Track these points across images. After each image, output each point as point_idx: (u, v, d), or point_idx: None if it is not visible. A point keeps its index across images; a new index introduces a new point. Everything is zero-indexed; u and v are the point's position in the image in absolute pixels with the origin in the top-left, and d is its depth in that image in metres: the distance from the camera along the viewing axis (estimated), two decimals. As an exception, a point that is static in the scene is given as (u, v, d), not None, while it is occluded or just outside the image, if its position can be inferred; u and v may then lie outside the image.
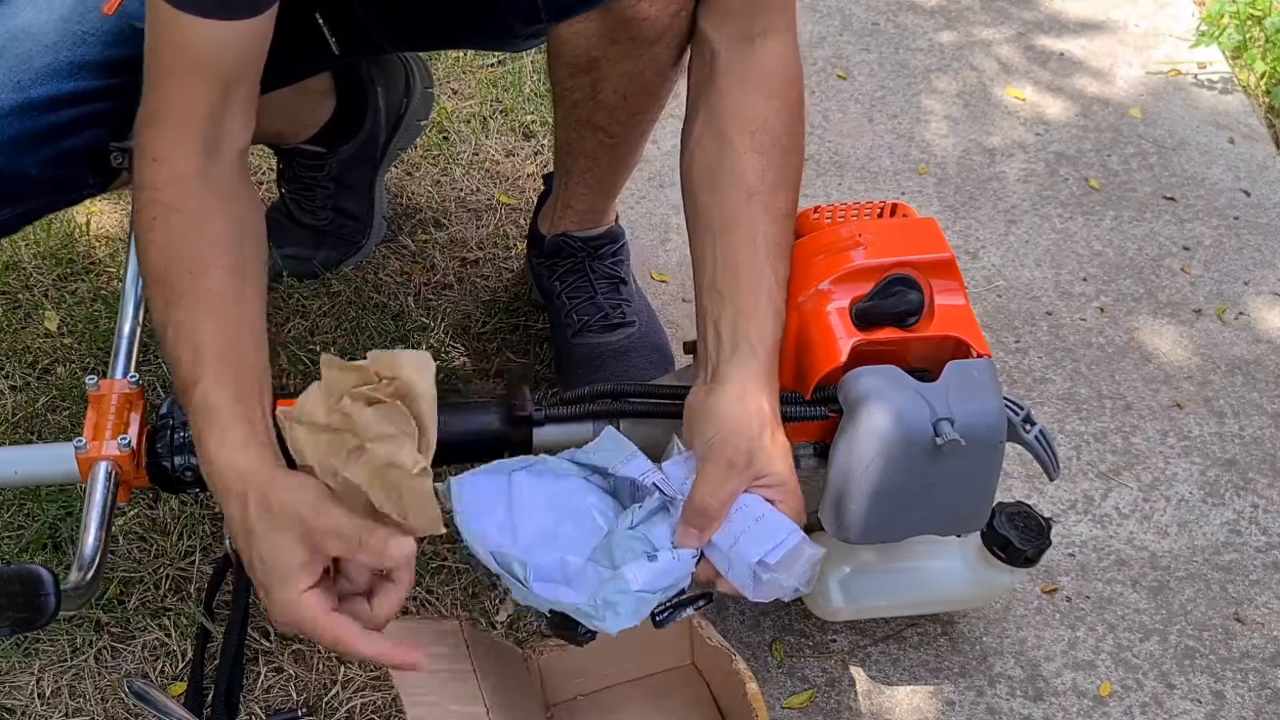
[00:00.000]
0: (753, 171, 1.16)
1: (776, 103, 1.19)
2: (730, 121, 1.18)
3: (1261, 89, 2.27)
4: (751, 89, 1.19)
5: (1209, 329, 1.83)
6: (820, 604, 1.34)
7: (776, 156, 1.17)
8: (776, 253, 1.15)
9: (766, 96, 1.18)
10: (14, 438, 1.53)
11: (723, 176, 1.17)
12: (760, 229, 1.15)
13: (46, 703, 1.30)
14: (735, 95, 1.19)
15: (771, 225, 1.16)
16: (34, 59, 1.21)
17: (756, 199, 1.16)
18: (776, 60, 1.20)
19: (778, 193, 1.17)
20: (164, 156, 1.08)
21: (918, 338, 1.19)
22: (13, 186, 1.23)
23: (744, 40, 1.20)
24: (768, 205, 1.16)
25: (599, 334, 1.59)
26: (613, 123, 1.40)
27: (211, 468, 1.02)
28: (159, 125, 1.08)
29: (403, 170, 1.93)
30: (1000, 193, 2.03)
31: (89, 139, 1.25)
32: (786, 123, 1.19)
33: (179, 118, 1.08)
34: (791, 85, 1.21)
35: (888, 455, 1.13)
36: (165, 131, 1.08)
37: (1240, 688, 1.41)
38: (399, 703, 1.31)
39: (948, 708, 1.37)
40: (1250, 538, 1.56)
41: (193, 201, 1.07)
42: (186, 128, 1.08)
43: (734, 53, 1.20)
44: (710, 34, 1.22)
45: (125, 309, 1.26)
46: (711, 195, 1.17)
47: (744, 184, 1.16)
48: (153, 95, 1.09)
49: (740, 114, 1.18)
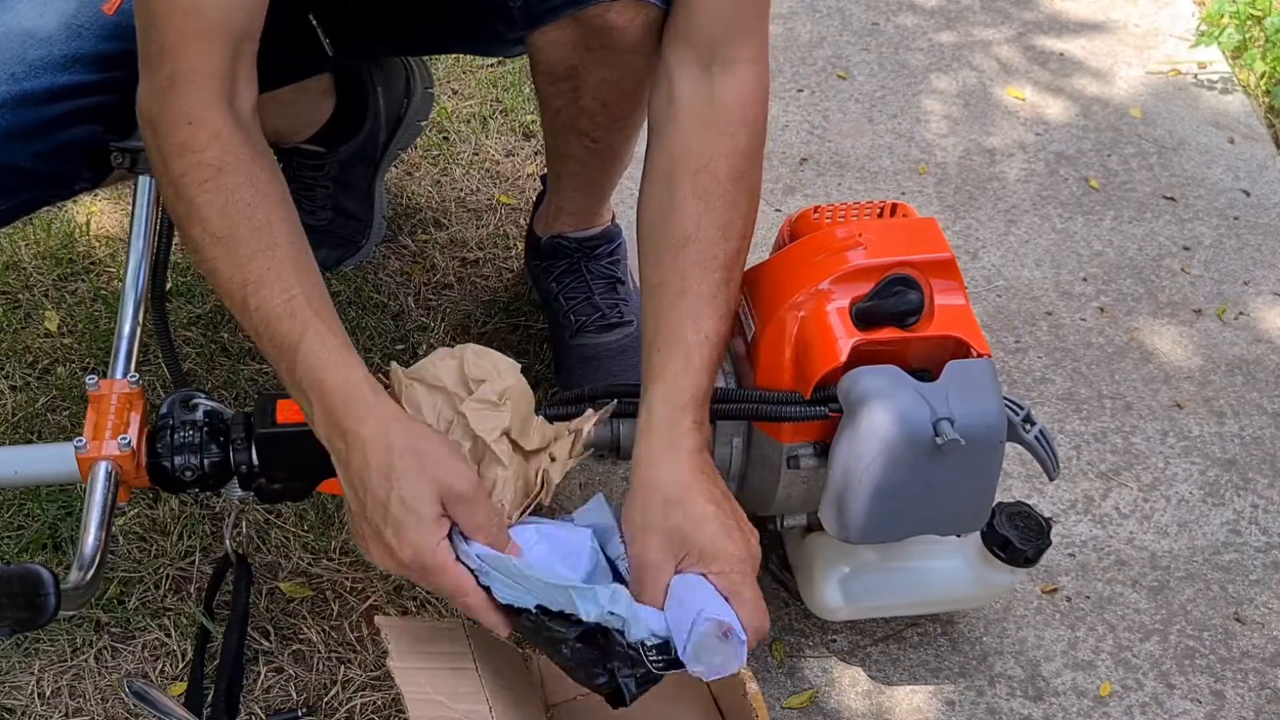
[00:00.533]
0: (690, 218, 1.14)
1: (725, 143, 1.15)
2: (677, 164, 1.16)
3: (1261, 89, 2.27)
4: (701, 126, 1.15)
5: (1209, 329, 1.83)
6: (820, 604, 1.34)
7: (717, 201, 1.14)
8: (706, 306, 1.12)
9: (716, 135, 1.15)
10: (14, 438, 1.53)
11: (662, 227, 1.16)
12: (690, 285, 1.12)
13: (46, 703, 1.30)
14: (684, 132, 1.16)
15: (702, 279, 1.13)
16: (29, 52, 1.21)
17: (690, 249, 1.13)
18: (733, 97, 1.16)
19: (716, 242, 1.14)
20: (199, 118, 1.07)
21: (918, 338, 1.19)
22: (5, 179, 1.23)
23: (703, 71, 1.16)
24: (701, 257, 1.13)
25: (596, 334, 1.59)
26: (595, 128, 1.40)
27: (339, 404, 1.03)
28: (182, 89, 1.08)
29: (403, 170, 1.93)
30: (1000, 193, 2.03)
31: (83, 133, 1.25)
32: (734, 165, 1.15)
33: (202, 79, 1.08)
34: (744, 125, 1.16)
35: (888, 455, 1.13)
36: (192, 94, 1.08)
37: (1240, 688, 1.41)
38: (399, 703, 1.31)
39: (948, 708, 1.37)
40: (1250, 538, 1.56)
41: (240, 157, 1.07)
42: (212, 88, 1.08)
43: (691, 84, 1.16)
44: (671, 62, 1.18)
45: (125, 309, 1.26)
46: (650, 246, 1.17)
47: (679, 232, 1.14)
48: (167, 62, 1.08)
49: (688, 155, 1.15)
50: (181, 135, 1.07)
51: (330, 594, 1.41)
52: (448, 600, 1.05)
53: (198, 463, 1.16)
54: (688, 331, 1.11)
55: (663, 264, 1.15)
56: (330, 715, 1.30)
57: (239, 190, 1.07)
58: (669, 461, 1.08)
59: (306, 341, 1.04)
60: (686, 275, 1.13)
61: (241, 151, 1.08)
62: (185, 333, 1.66)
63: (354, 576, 1.42)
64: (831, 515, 1.19)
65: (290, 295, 1.05)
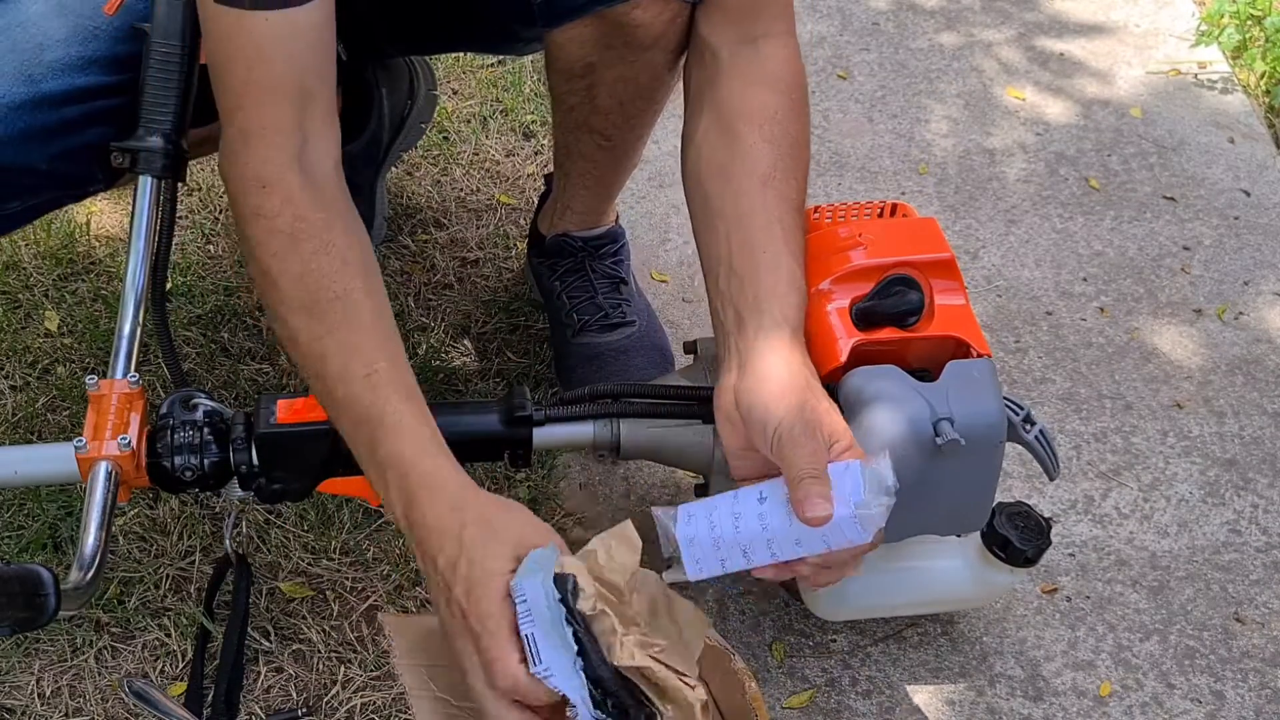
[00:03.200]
0: (766, 160, 1.14)
1: (784, 99, 1.17)
2: (738, 116, 1.16)
3: (1261, 89, 2.27)
4: (758, 86, 1.17)
5: (1209, 329, 1.83)
6: (820, 604, 1.34)
7: (787, 148, 1.15)
8: (796, 236, 1.13)
9: (774, 93, 1.17)
10: (14, 438, 1.53)
11: (734, 166, 1.14)
12: (776, 214, 1.12)
13: (46, 703, 1.30)
14: (741, 91, 1.17)
15: (788, 212, 1.13)
16: (45, 53, 1.21)
17: (771, 186, 1.13)
18: (780, 61, 1.19)
19: (790, 181, 1.15)
20: (271, 180, 1.06)
21: (918, 338, 1.19)
22: (22, 180, 1.23)
23: (745, 42, 1.19)
24: (782, 193, 1.13)
25: (599, 334, 1.59)
26: (609, 127, 1.40)
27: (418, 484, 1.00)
28: (254, 147, 1.07)
29: (403, 170, 1.93)
30: (1000, 193, 2.03)
31: (98, 135, 1.25)
32: (795, 119, 1.18)
33: (272, 135, 1.06)
34: (797, 86, 1.19)
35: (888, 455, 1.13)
36: (261, 151, 1.07)
37: (1240, 688, 1.41)
38: (399, 703, 1.31)
39: (948, 708, 1.37)
40: (1250, 538, 1.56)
41: (313, 224, 1.06)
42: (282, 145, 1.06)
43: (737, 54, 1.19)
44: (710, 38, 1.21)
45: (125, 309, 1.26)
46: (724, 185, 1.14)
47: (758, 172, 1.13)
48: (237, 115, 1.07)
49: (748, 108, 1.16)
50: (255, 200, 1.06)
51: (330, 594, 1.41)
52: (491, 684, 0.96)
53: (198, 463, 1.16)
54: (784, 254, 1.10)
55: (749, 195, 1.13)
56: (330, 715, 1.30)
57: (315, 258, 1.05)
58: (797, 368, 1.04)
59: (389, 419, 1.01)
60: (772, 208, 1.12)
61: (315, 217, 1.06)
62: (185, 333, 1.66)
63: (354, 576, 1.43)
64: (831, 515, 1.19)
65: (372, 370, 1.03)
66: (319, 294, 1.05)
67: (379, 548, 1.45)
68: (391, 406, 1.02)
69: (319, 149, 1.09)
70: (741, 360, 1.06)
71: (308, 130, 1.08)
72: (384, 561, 1.44)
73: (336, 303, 1.04)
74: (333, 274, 1.05)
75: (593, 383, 1.34)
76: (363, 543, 1.45)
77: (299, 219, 1.05)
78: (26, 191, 1.25)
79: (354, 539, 1.46)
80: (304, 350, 1.06)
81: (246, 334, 1.68)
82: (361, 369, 1.03)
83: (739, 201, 1.13)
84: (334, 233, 1.07)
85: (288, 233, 1.05)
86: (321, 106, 1.10)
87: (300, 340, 1.06)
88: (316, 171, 1.09)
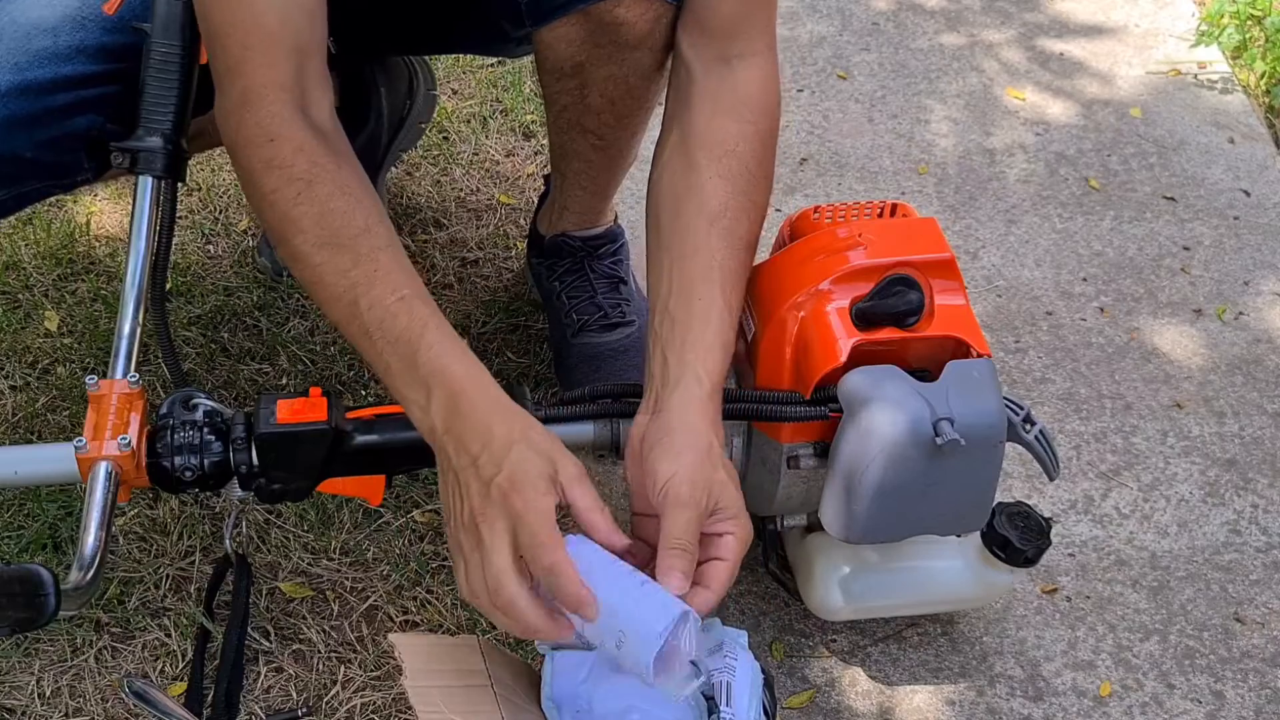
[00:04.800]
0: (717, 198, 1.16)
1: (749, 128, 1.18)
2: (699, 144, 1.18)
3: (1261, 89, 2.27)
4: (724, 112, 1.18)
5: (1209, 329, 1.83)
6: (820, 604, 1.34)
7: (742, 184, 1.17)
8: (731, 281, 1.14)
9: (739, 121, 1.18)
10: (14, 438, 1.53)
11: (686, 201, 1.16)
12: (718, 257, 1.14)
13: (46, 703, 1.30)
14: (707, 117, 1.18)
15: (729, 254, 1.15)
16: (33, 41, 1.22)
17: (718, 226, 1.15)
18: (753, 85, 1.20)
19: (740, 221, 1.16)
20: (279, 133, 1.09)
21: (918, 338, 1.19)
22: (7, 168, 1.24)
23: (720, 62, 1.20)
24: (728, 233, 1.15)
25: (598, 333, 1.59)
26: (601, 126, 1.40)
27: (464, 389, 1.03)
28: (257, 104, 1.09)
29: (403, 170, 1.93)
30: (1000, 193, 2.03)
31: (86, 123, 1.25)
32: (756, 150, 1.18)
33: (274, 91, 1.09)
34: (765, 113, 1.20)
35: (888, 455, 1.13)
36: (266, 108, 1.09)
37: (1240, 688, 1.41)
38: (399, 703, 1.31)
39: (948, 708, 1.37)
40: (1250, 538, 1.56)
41: (326, 167, 1.09)
42: (285, 100, 1.10)
43: (710, 74, 1.20)
44: (687, 54, 1.22)
45: (125, 309, 1.26)
46: (674, 220, 1.17)
47: (706, 210, 1.15)
48: (237, 79, 1.10)
49: (710, 137, 1.18)
50: (266, 152, 1.09)
51: (330, 594, 1.41)
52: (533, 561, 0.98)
53: (198, 463, 1.16)
54: (718, 303, 1.12)
55: (694, 234, 1.15)
56: (330, 715, 1.30)
57: (332, 199, 1.08)
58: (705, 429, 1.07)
59: (429, 334, 1.04)
60: (715, 250, 1.14)
61: (327, 161, 1.09)
62: (185, 333, 1.66)
63: (354, 576, 1.43)
64: (832, 515, 1.19)
65: (402, 294, 1.06)
66: (341, 231, 1.07)
67: (379, 548, 1.45)
68: (431, 323, 1.05)
69: (318, 102, 1.13)
70: (657, 405, 1.09)
71: (306, 85, 1.11)
72: (384, 561, 1.44)
73: (360, 236, 1.07)
74: (351, 211, 1.08)
75: (592, 382, 1.34)
76: (363, 543, 1.46)
77: (313, 164, 1.08)
78: (12, 180, 1.26)
79: (354, 539, 1.46)
80: (330, 285, 1.08)
81: (246, 334, 1.68)
82: (393, 293, 1.06)
83: (684, 239, 1.16)
84: (345, 174, 1.10)
85: (305, 179, 1.08)
86: (316, 64, 1.13)
87: (327, 277, 1.08)
88: (319, 122, 1.12)
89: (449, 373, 1.04)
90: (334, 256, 1.07)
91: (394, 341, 1.05)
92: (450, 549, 1.05)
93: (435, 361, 1.04)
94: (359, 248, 1.07)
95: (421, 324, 1.05)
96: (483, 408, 1.03)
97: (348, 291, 1.07)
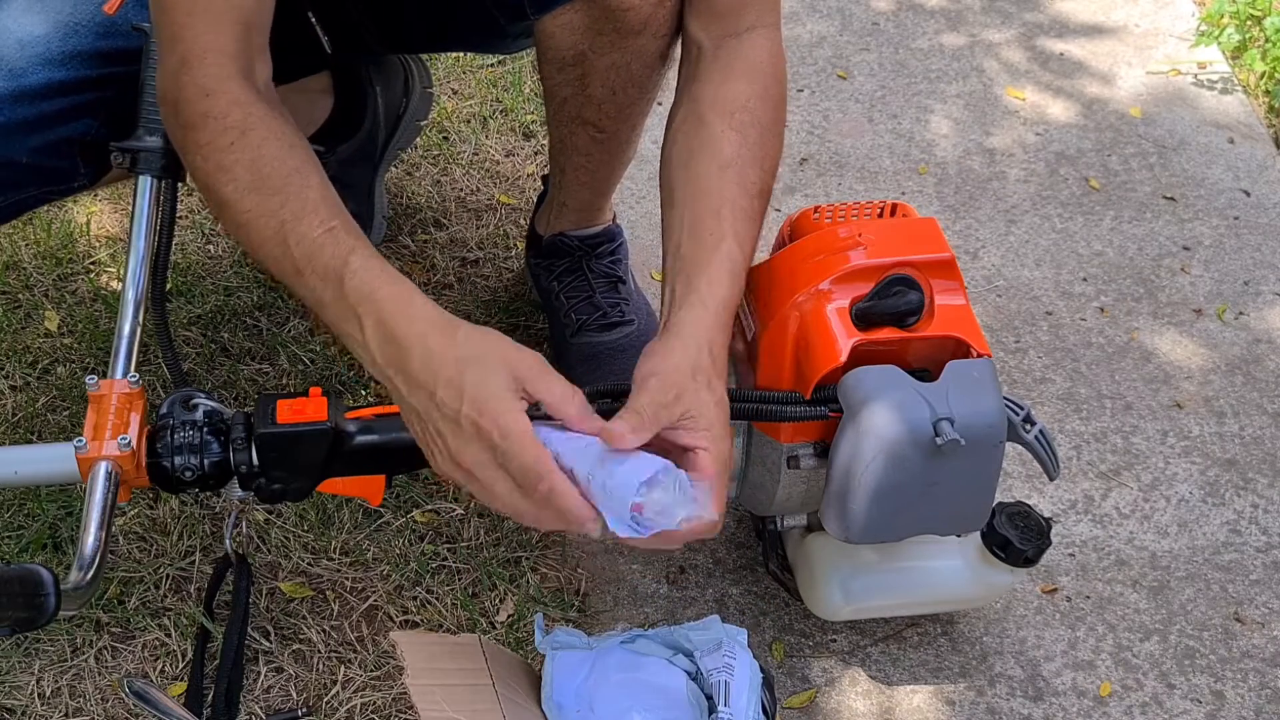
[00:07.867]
0: (729, 146, 1.17)
1: (758, 87, 1.20)
2: (710, 106, 1.19)
3: (1261, 89, 2.27)
4: (734, 76, 1.20)
5: (1209, 329, 1.83)
6: (820, 604, 1.34)
7: (753, 135, 1.18)
8: (743, 219, 1.15)
9: (749, 82, 1.20)
10: (14, 438, 1.53)
11: (698, 154, 1.17)
12: (728, 197, 1.15)
13: (46, 703, 1.30)
14: (718, 83, 1.20)
15: (740, 196, 1.15)
16: (26, 48, 1.22)
17: (729, 171, 1.16)
18: (762, 53, 1.21)
19: (750, 168, 1.17)
20: (215, 89, 1.09)
21: (918, 338, 1.19)
22: (3, 174, 1.24)
23: (730, 37, 1.21)
24: (740, 178, 1.16)
25: (597, 333, 1.59)
26: (602, 117, 1.40)
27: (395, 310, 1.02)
28: (196, 66, 1.09)
29: (403, 170, 1.93)
30: (1000, 193, 2.03)
31: (80, 128, 1.25)
32: (767, 109, 1.20)
33: (214, 55, 1.09)
34: (774, 79, 1.22)
35: (888, 455, 1.13)
36: (206, 69, 1.09)
37: (1240, 688, 1.41)
38: (399, 703, 1.31)
39: (948, 708, 1.37)
40: (1250, 538, 1.56)
41: (262, 117, 1.09)
42: (225, 63, 1.09)
43: (721, 48, 1.22)
44: (698, 34, 1.23)
45: (125, 309, 1.26)
46: (685, 170, 1.18)
47: (718, 158, 1.16)
48: (179, 45, 1.10)
49: (720, 98, 1.19)
50: (202, 106, 1.08)
51: (330, 594, 1.41)
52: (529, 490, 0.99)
53: (198, 463, 1.16)
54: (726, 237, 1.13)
55: (705, 179, 1.16)
56: (330, 715, 1.30)
57: (265, 144, 1.08)
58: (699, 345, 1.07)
59: (354, 259, 1.04)
60: (726, 192, 1.15)
61: (263, 112, 1.09)
62: (185, 333, 1.66)
63: (354, 576, 1.43)
64: (832, 515, 1.19)
65: (330, 226, 1.05)
66: (271, 174, 1.07)
67: (379, 548, 1.45)
68: (357, 251, 1.04)
69: (258, 70, 1.12)
70: (666, 330, 1.10)
71: (249, 55, 1.11)
72: (384, 561, 1.44)
73: (290, 177, 1.07)
74: (283, 156, 1.08)
75: (592, 382, 1.34)
76: (363, 543, 1.46)
77: (248, 115, 1.08)
78: (9, 186, 1.26)
79: (354, 539, 1.46)
80: (259, 228, 1.07)
81: (246, 334, 1.68)
82: (320, 226, 1.05)
83: (696, 185, 1.16)
84: (278, 122, 1.09)
85: (238, 128, 1.08)
86: (258, 38, 1.13)
87: (255, 221, 1.07)
88: (257, 82, 1.12)
89: (376, 296, 1.03)
90: (265, 200, 1.07)
91: (322, 274, 1.05)
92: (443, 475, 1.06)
93: (362, 287, 1.03)
94: (289, 188, 1.07)
95: (347, 250, 1.04)
96: (417, 328, 1.01)
97: (277, 231, 1.06)
